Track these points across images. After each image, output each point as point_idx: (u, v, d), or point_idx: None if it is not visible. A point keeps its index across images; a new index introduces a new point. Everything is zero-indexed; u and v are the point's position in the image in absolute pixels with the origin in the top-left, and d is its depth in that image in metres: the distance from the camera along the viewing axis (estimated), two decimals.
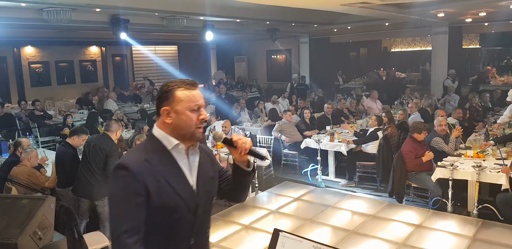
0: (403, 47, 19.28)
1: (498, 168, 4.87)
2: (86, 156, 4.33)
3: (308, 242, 1.09)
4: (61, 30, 10.65)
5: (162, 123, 1.64)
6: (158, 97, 1.66)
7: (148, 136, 1.71)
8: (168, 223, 1.60)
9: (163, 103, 1.63)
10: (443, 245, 4.22)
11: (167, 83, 1.66)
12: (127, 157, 1.62)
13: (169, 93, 1.62)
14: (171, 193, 1.57)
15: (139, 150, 1.65)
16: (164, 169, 1.58)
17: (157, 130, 1.66)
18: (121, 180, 1.54)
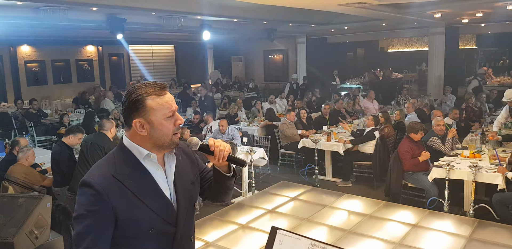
0: (400, 47, 19.33)
1: (494, 168, 4.89)
2: (84, 155, 4.33)
3: (305, 239, 1.09)
4: (58, 29, 10.61)
5: (133, 134, 1.50)
6: (126, 108, 1.48)
7: (118, 146, 1.56)
8: (144, 239, 1.49)
9: (133, 115, 1.47)
10: (440, 245, 4.23)
11: (134, 91, 1.46)
12: (93, 172, 1.48)
13: (139, 103, 1.45)
14: (143, 209, 1.46)
15: (107, 163, 1.51)
16: (134, 183, 1.46)
17: (127, 140, 1.52)
18: (84, 197, 1.43)
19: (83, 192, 1.44)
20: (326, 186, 6.45)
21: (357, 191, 6.17)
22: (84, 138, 4.59)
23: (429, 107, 8.46)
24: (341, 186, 6.49)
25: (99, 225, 1.41)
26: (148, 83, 1.48)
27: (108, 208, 1.42)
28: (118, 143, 1.57)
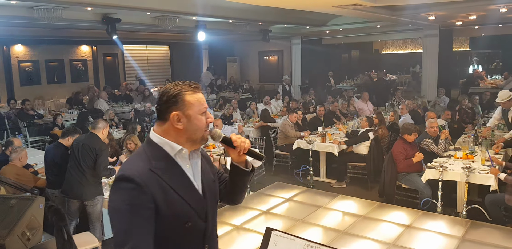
0: (394, 49, 19.43)
1: (486, 169, 4.93)
2: (75, 157, 4.26)
3: (300, 240, 1.10)
4: (52, 29, 10.55)
5: (167, 128, 1.55)
6: (164, 102, 1.54)
7: (146, 142, 1.59)
8: (180, 233, 1.53)
9: (172, 109, 1.53)
10: (433, 245, 4.26)
11: (172, 87, 1.56)
12: (130, 167, 1.48)
13: (178, 97, 1.53)
14: (180, 202, 1.50)
15: (140, 158, 1.52)
16: (169, 177, 1.50)
17: (156, 136, 1.56)
18: (125, 193, 1.42)
19: (123, 186, 1.43)
20: (321, 187, 6.46)
21: (351, 192, 6.19)
22: (76, 139, 4.49)
23: (422, 109, 8.51)
24: (336, 187, 6.51)
25: (144, 219, 1.42)
26: (184, 82, 1.59)
27: (151, 201, 1.43)
28: (146, 140, 1.60)
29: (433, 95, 11.44)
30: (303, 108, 9.57)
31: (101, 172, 4.29)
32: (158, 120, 1.58)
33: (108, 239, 4.76)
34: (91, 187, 4.27)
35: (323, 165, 6.95)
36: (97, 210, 4.32)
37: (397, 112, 7.93)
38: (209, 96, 13.36)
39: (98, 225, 4.38)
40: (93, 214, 4.31)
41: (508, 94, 6.18)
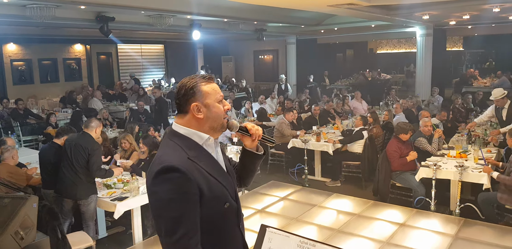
0: (388, 48, 19.49)
1: (479, 168, 4.97)
2: (67, 156, 4.23)
3: (294, 237, 1.10)
4: (45, 28, 10.48)
5: (189, 120, 1.65)
6: (182, 95, 1.65)
7: (173, 135, 1.66)
8: (221, 215, 1.63)
9: (191, 100, 1.63)
10: (426, 244, 4.29)
11: (188, 80, 1.66)
12: (170, 158, 1.54)
13: (195, 89, 1.64)
14: (218, 185, 1.61)
15: (175, 149, 1.60)
16: (205, 164, 1.61)
17: (182, 127, 1.66)
18: (172, 182, 1.49)
19: (168, 176, 1.49)
20: (316, 185, 6.48)
21: (345, 190, 6.22)
22: (68, 138, 4.43)
23: (416, 108, 8.56)
24: (331, 186, 6.53)
25: (192, 206, 1.51)
26: (197, 75, 1.70)
27: (196, 187, 1.52)
28: (170, 133, 1.68)
29: (427, 95, 11.51)
30: (298, 108, 9.59)
31: (94, 172, 4.26)
32: (179, 113, 1.67)
33: (102, 238, 4.75)
34: (85, 186, 4.25)
35: (318, 164, 6.97)
36: (90, 209, 4.30)
37: (391, 111, 7.96)
38: None
39: (91, 224, 4.37)
40: (87, 213, 4.29)
41: (502, 92, 6.24)
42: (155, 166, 1.53)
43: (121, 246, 4.42)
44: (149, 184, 1.54)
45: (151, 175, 1.53)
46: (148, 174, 1.59)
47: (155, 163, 1.55)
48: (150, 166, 1.59)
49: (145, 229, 4.67)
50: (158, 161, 1.55)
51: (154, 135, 6.67)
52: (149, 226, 4.77)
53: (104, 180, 4.77)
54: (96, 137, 4.40)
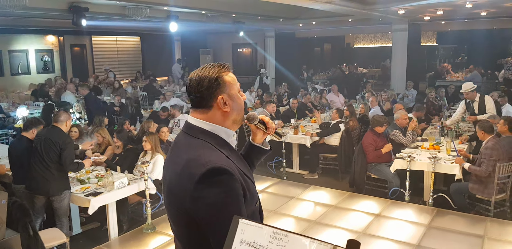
0: (365, 43, 19.74)
1: (452, 159, 5.10)
2: (38, 151, 4.09)
3: (267, 228, 1.09)
4: (16, 18, 10.10)
5: (213, 114, 1.47)
6: (206, 88, 1.44)
7: (196, 132, 1.46)
8: (253, 213, 1.53)
9: (217, 92, 1.45)
10: (401, 233, 4.39)
11: (209, 70, 1.47)
12: (213, 158, 1.36)
13: (220, 79, 1.46)
14: (251, 183, 1.51)
15: (210, 148, 1.42)
16: (238, 162, 1.49)
17: (207, 123, 1.47)
18: (224, 184, 1.33)
19: (218, 179, 1.32)
20: (294, 178, 6.53)
21: (323, 182, 6.29)
22: (37, 133, 4.28)
23: (391, 102, 8.70)
24: (308, 178, 6.59)
25: (242, 206, 1.36)
26: (214, 64, 1.52)
27: (240, 187, 1.39)
28: (192, 130, 1.48)
29: (402, 88, 11.71)
30: (276, 101, 9.61)
31: (67, 166, 4.15)
32: (200, 109, 1.47)
33: (76, 235, 4.66)
34: (57, 182, 4.13)
35: (296, 157, 7.01)
36: (64, 205, 4.19)
37: (367, 104, 8.06)
38: (181, 88, 13.19)
39: (65, 220, 4.25)
40: (60, 209, 4.17)
41: (471, 85, 6.41)
42: (196, 168, 1.32)
43: (96, 242, 4.34)
44: (191, 188, 1.30)
45: (192, 179, 1.31)
46: (181, 178, 1.36)
47: (193, 165, 1.34)
48: (183, 168, 1.36)
49: (120, 225, 4.60)
50: (199, 163, 1.34)
51: (129, 128, 6.55)
52: (124, 222, 4.71)
53: (77, 175, 4.67)
54: (66, 130, 4.28)
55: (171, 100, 9.69)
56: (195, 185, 1.30)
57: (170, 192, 1.43)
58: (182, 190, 1.34)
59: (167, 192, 1.47)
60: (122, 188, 4.34)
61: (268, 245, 1.08)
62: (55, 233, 3.98)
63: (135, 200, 4.88)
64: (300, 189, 5.84)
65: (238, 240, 1.11)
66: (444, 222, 4.64)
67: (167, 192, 1.46)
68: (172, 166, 1.45)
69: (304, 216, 4.88)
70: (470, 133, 6.41)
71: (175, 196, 1.39)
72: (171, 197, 1.43)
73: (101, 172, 4.80)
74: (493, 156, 4.64)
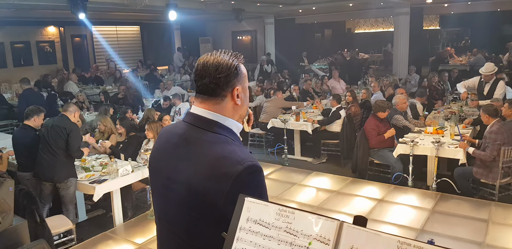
0: (366, 28, 19.53)
1: (455, 144, 5.09)
2: (45, 138, 4.18)
3: (273, 205, 1.10)
4: (16, 9, 10.03)
5: (225, 106, 1.34)
6: (225, 75, 1.30)
7: (216, 127, 1.33)
8: None
9: (234, 82, 1.32)
10: (404, 218, 4.42)
11: (228, 57, 1.33)
12: (244, 155, 1.25)
13: (238, 69, 1.33)
14: None
15: (236, 145, 1.31)
16: None
17: (222, 117, 1.34)
18: (260, 181, 1.27)
19: (254, 178, 1.24)
20: (296, 164, 6.55)
21: (325, 168, 6.31)
22: (45, 122, 4.41)
23: (393, 86, 8.65)
24: (315, 164, 6.61)
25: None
26: (226, 51, 1.36)
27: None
28: (209, 124, 1.33)
29: (404, 73, 11.63)
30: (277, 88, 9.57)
31: (74, 153, 4.24)
32: (212, 97, 1.32)
33: (82, 222, 4.72)
34: (63, 169, 4.20)
35: (298, 143, 7.02)
36: (70, 192, 4.25)
37: (369, 90, 8.03)
38: (182, 77, 13.16)
39: (71, 207, 4.33)
40: (66, 196, 4.24)
41: (493, 68, 6.30)
42: (231, 166, 1.21)
43: (101, 229, 4.40)
44: (228, 188, 1.19)
45: (228, 178, 1.19)
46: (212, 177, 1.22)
47: (227, 163, 1.22)
48: (214, 167, 1.23)
49: (125, 211, 4.65)
50: (233, 160, 1.22)
51: (132, 117, 6.57)
52: (129, 208, 4.76)
53: (81, 163, 4.71)
54: (74, 121, 4.35)
55: (172, 89, 9.68)
56: (232, 184, 1.19)
57: (190, 193, 1.26)
58: (214, 190, 1.20)
59: (182, 193, 1.28)
60: (126, 175, 4.38)
61: (274, 222, 1.09)
62: (62, 220, 4.05)
63: (139, 187, 4.93)
64: (302, 175, 5.86)
65: (244, 218, 1.12)
66: (448, 207, 4.65)
67: (183, 193, 1.28)
68: (188, 163, 1.29)
69: (306, 202, 4.91)
70: (474, 117, 6.39)
71: (200, 197, 1.23)
72: (190, 198, 1.26)
73: (105, 160, 4.83)
74: (498, 140, 4.63)
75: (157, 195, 1.44)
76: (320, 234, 1.03)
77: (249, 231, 1.10)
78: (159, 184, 1.40)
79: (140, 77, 12.83)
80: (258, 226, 1.09)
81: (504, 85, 6.41)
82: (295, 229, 1.06)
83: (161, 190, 1.39)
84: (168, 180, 1.34)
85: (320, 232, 1.03)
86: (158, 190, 1.42)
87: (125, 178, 4.37)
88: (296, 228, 1.06)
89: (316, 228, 1.04)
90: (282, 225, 1.07)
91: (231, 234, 1.12)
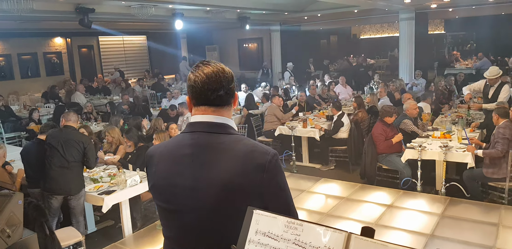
0: (371, 34, 19.52)
1: (463, 148, 5.05)
2: (59, 153, 4.11)
3: (282, 217, 1.11)
4: (23, 21, 10.20)
5: (228, 111, 1.47)
6: (233, 84, 1.45)
7: (228, 129, 1.43)
8: None
9: (234, 89, 1.48)
10: (414, 223, 4.38)
11: (223, 66, 1.44)
12: (266, 146, 1.41)
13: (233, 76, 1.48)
14: None
15: (251, 140, 1.46)
16: None
17: (229, 120, 1.46)
18: (281, 165, 1.42)
19: (279, 163, 1.39)
20: (304, 171, 6.54)
21: (333, 175, 6.29)
22: (52, 135, 4.23)
23: (400, 91, 8.64)
24: (324, 170, 6.60)
25: None
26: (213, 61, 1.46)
27: None
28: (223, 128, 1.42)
29: (411, 78, 11.61)
30: (283, 95, 9.60)
31: (92, 164, 4.31)
32: (225, 106, 1.45)
33: (91, 233, 4.74)
34: (77, 181, 4.23)
35: (305, 150, 7.01)
36: (81, 203, 4.26)
37: (375, 95, 8.02)
38: None
39: (81, 219, 4.32)
40: (78, 207, 4.24)
41: (498, 71, 6.29)
42: (261, 158, 1.33)
43: (111, 240, 4.41)
44: (264, 176, 1.32)
45: (262, 167, 1.32)
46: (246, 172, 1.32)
47: (256, 156, 1.34)
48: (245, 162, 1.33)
49: (134, 222, 4.66)
50: (260, 152, 1.35)
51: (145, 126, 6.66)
52: (138, 219, 4.77)
53: (90, 174, 4.74)
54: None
55: (180, 98, 9.74)
56: (267, 171, 1.32)
57: (224, 192, 1.32)
58: (252, 182, 1.31)
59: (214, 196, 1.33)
60: (135, 185, 4.39)
61: (283, 234, 1.09)
62: (71, 232, 4.05)
63: (147, 197, 4.94)
64: (311, 182, 5.85)
65: (253, 230, 1.13)
66: (457, 211, 4.61)
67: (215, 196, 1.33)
68: (216, 166, 1.35)
69: (316, 209, 4.90)
70: (481, 120, 6.35)
71: (237, 192, 1.32)
72: (226, 197, 1.33)
73: (114, 171, 4.86)
74: (506, 134, 4.65)
75: (173, 212, 1.43)
76: (328, 245, 1.04)
77: (258, 243, 1.11)
78: (180, 199, 1.41)
79: (147, 87, 12.93)
80: (267, 238, 1.10)
81: (508, 89, 6.38)
82: (304, 241, 1.07)
83: (182, 204, 1.40)
84: (192, 190, 1.37)
85: (328, 243, 1.04)
86: (176, 206, 1.42)
87: (133, 188, 4.39)
88: (304, 240, 1.07)
89: (325, 239, 1.04)
90: (291, 237, 1.08)
91: (241, 247, 1.13)
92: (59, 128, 4.37)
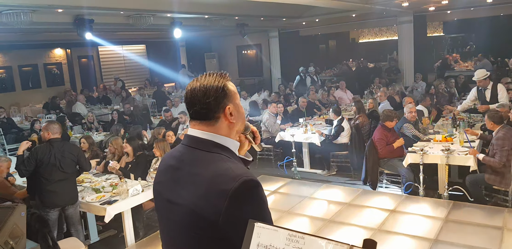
0: (370, 37, 19.58)
1: (465, 151, 5.04)
2: (57, 166, 4.10)
3: (283, 230, 1.11)
4: (23, 33, 10.28)
5: (219, 126, 1.37)
6: (214, 98, 1.34)
7: (210, 146, 1.35)
8: None
9: (224, 102, 1.36)
10: (418, 228, 4.35)
11: (214, 79, 1.37)
12: (242, 172, 1.27)
13: (225, 88, 1.37)
14: None
15: (231, 162, 1.33)
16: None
17: (217, 136, 1.37)
18: (259, 197, 1.27)
19: (259, 191, 1.26)
20: (306, 177, 6.53)
21: (335, 180, 6.27)
22: (41, 151, 4.10)
23: (400, 95, 8.64)
24: (326, 175, 6.58)
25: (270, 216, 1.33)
26: (213, 72, 1.41)
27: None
28: (204, 144, 1.36)
29: (411, 81, 11.61)
30: (284, 101, 9.61)
31: (88, 166, 4.53)
32: (206, 121, 1.36)
33: (94, 243, 4.73)
34: (75, 190, 4.35)
35: (307, 156, 7.01)
36: (77, 211, 4.37)
37: (376, 99, 8.02)
38: None
39: (80, 227, 4.41)
40: (75, 216, 4.32)
41: (484, 73, 6.30)
42: (226, 184, 1.22)
43: None
44: (225, 206, 1.19)
45: (225, 196, 1.20)
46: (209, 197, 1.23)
47: (222, 181, 1.23)
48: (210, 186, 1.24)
49: (136, 231, 4.65)
50: (228, 177, 1.23)
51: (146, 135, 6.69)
52: (140, 228, 4.76)
53: (92, 184, 4.75)
54: None
55: (180, 106, 9.75)
56: (229, 201, 1.20)
57: (189, 213, 1.27)
58: (212, 209, 1.21)
59: (182, 214, 1.30)
60: (137, 195, 4.39)
61: (285, 247, 1.09)
62: (74, 242, 4.06)
63: (149, 206, 4.93)
64: (313, 188, 5.82)
65: (255, 243, 1.12)
66: (461, 215, 4.58)
67: (183, 214, 1.29)
68: (185, 185, 1.31)
69: (318, 215, 4.87)
70: (483, 122, 6.33)
71: (199, 216, 1.24)
72: (190, 218, 1.27)
73: (115, 180, 4.86)
74: (505, 146, 4.59)
75: (160, 218, 1.46)
76: None
77: None
78: (161, 207, 1.43)
79: (147, 96, 12.96)
80: None
81: (503, 87, 6.37)
82: None
83: (163, 212, 1.42)
84: (168, 202, 1.36)
85: None
86: (160, 213, 1.45)
87: (135, 197, 4.39)
88: None
89: None
90: None
91: None
92: (46, 143, 4.20)
